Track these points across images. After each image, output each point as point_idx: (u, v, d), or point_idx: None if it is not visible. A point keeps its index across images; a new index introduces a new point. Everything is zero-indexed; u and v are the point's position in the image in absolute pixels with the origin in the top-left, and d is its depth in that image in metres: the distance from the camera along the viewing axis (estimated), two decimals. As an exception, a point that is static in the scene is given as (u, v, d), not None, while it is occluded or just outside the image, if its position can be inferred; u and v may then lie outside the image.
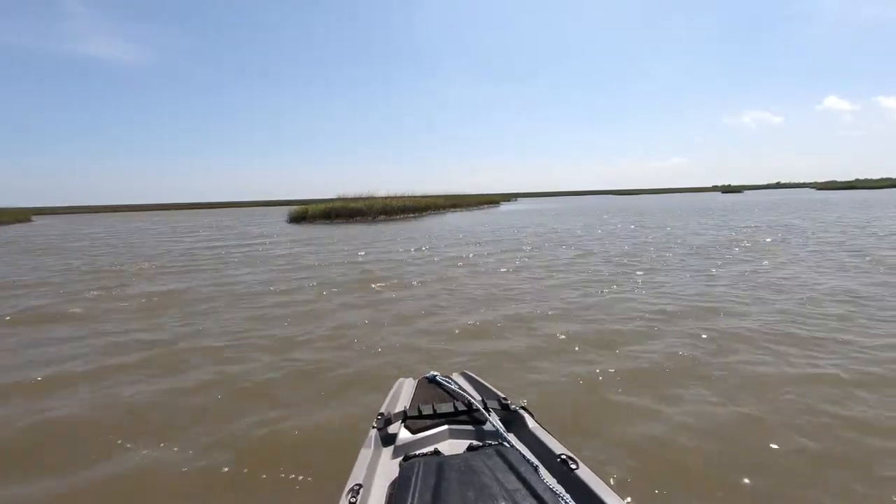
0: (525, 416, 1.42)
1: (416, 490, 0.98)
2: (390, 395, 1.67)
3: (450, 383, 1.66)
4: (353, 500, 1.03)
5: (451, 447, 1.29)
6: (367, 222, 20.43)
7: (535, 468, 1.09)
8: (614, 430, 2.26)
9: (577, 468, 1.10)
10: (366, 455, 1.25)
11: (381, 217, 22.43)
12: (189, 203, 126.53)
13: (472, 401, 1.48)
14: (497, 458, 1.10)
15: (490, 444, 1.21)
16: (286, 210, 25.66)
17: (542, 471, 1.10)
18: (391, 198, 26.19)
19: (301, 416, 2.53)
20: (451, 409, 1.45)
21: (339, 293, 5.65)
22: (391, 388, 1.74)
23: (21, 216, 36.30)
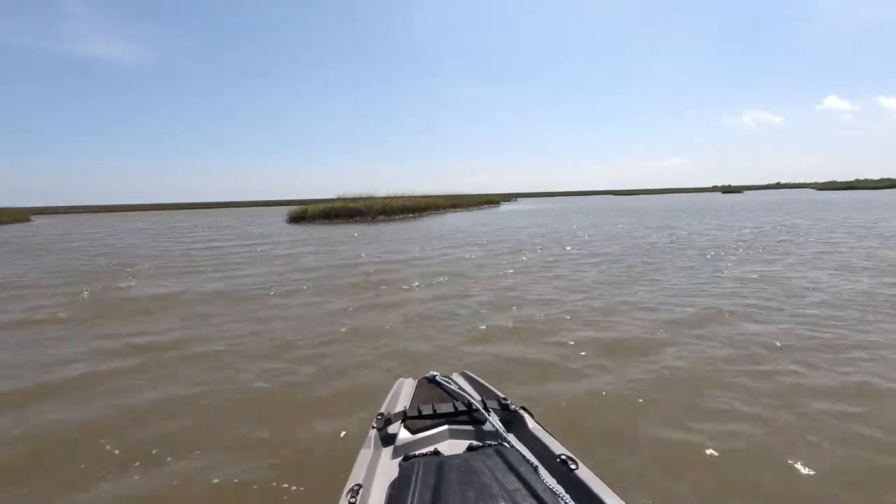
0: (525, 416, 1.41)
1: (416, 490, 0.98)
2: (390, 395, 1.67)
3: (450, 383, 1.66)
4: (352, 501, 1.03)
5: (451, 447, 1.29)
6: (366, 222, 20.42)
7: (535, 468, 1.09)
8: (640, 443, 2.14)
9: (577, 468, 1.09)
10: (365, 455, 1.25)
11: (381, 217, 22.43)
12: (189, 203, 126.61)
13: (472, 401, 1.48)
14: (497, 459, 1.10)
15: (490, 445, 1.21)
16: (286, 210, 25.64)
17: (542, 471, 1.10)
18: (391, 198, 26.18)
19: (301, 416, 2.54)
20: (451, 410, 1.45)
21: (338, 295, 5.64)
22: (391, 388, 1.74)
23: (20, 216, 36.31)
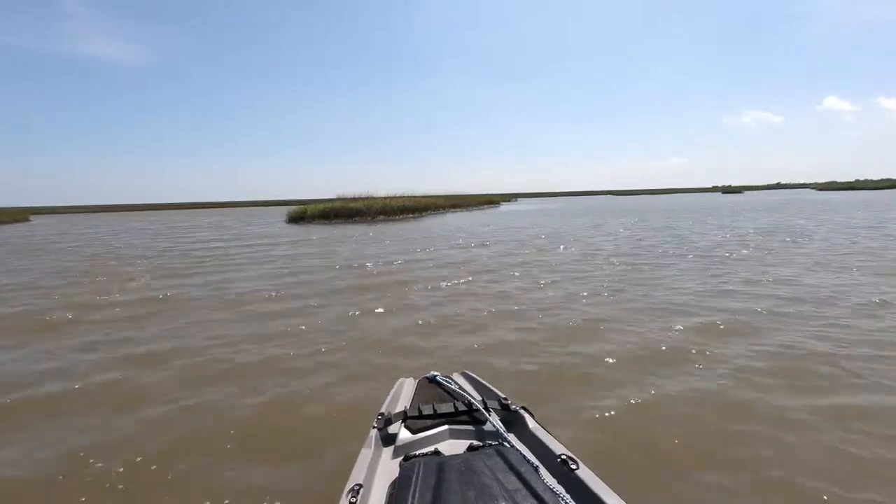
0: (525, 416, 1.42)
1: (417, 490, 0.99)
2: (391, 395, 1.67)
3: (450, 383, 1.66)
4: (353, 500, 1.03)
5: (452, 447, 1.29)
6: (366, 223, 20.39)
7: (536, 468, 1.09)
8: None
9: (578, 468, 1.10)
10: (366, 455, 1.25)
11: (381, 217, 22.40)
12: (189, 203, 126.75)
13: (473, 401, 1.48)
14: (497, 459, 1.10)
15: (490, 445, 1.21)
16: (285, 210, 25.58)
17: (543, 471, 1.10)
18: (390, 198, 26.13)
19: (301, 416, 2.54)
20: (452, 409, 1.46)
21: (338, 296, 5.60)
22: (391, 388, 1.74)
23: (19, 216, 36.27)
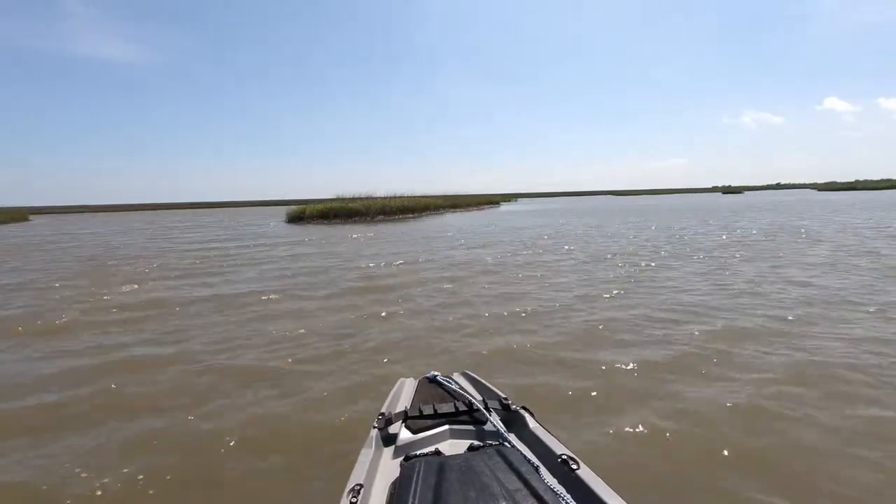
0: (526, 416, 1.41)
1: (417, 490, 0.98)
2: (391, 395, 1.67)
3: (450, 383, 1.66)
4: (353, 500, 1.03)
5: (452, 447, 1.29)
6: (365, 223, 20.39)
7: (536, 468, 1.08)
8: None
9: (578, 468, 1.09)
10: (367, 455, 1.25)
11: (380, 217, 22.40)
12: (189, 203, 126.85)
13: (473, 401, 1.48)
14: (498, 459, 1.10)
15: (491, 444, 1.21)
16: (285, 210, 25.56)
17: (543, 471, 1.09)
18: (390, 198, 26.13)
19: (302, 416, 2.54)
20: (452, 409, 1.45)
21: (338, 299, 5.54)
22: (392, 388, 1.74)
23: (17, 215, 36.26)
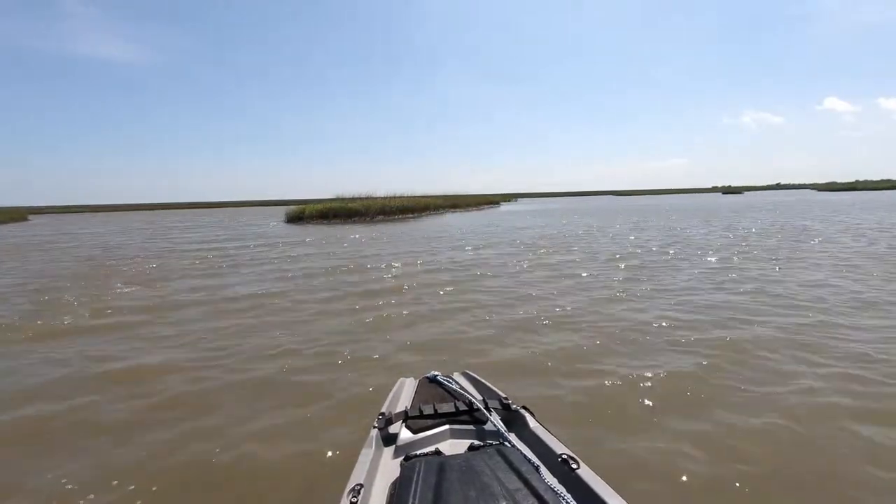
0: (526, 415, 1.42)
1: (418, 490, 0.99)
2: (391, 395, 1.67)
3: (451, 383, 1.66)
4: (354, 500, 1.03)
5: (453, 447, 1.29)
6: (365, 223, 20.38)
7: (537, 468, 1.09)
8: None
9: (579, 468, 1.10)
10: (367, 455, 1.25)
11: (380, 217, 22.39)
12: (188, 203, 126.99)
13: (473, 400, 1.48)
14: (498, 458, 1.10)
15: (491, 444, 1.21)
16: (284, 210, 25.52)
17: (544, 470, 1.10)
18: (390, 198, 26.14)
19: (302, 415, 2.54)
20: (452, 409, 1.46)
21: (338, 301, 5.42)
22: (392, 388, 1.74)
23: (16, 215, 36.25)
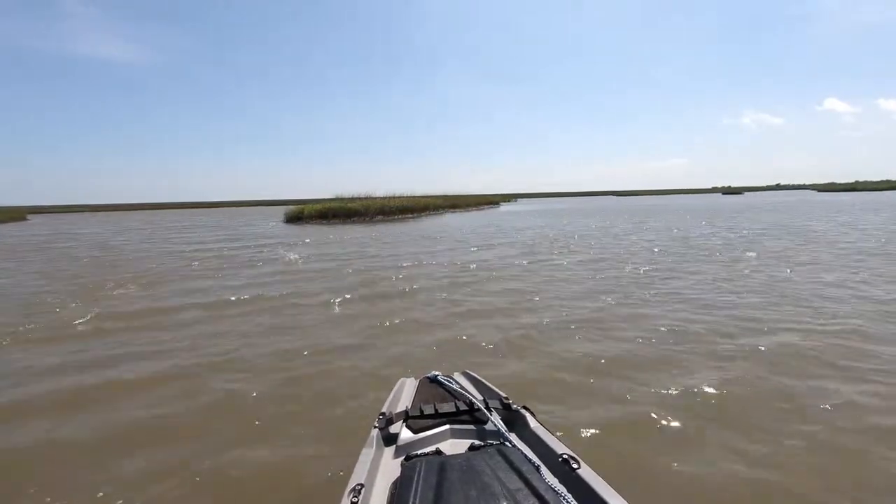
0: (526, 415, 1.41)
1: (418, 490, 0.99)
2: (392, 395, 1.67)
3: (451, 383, 1.66)
4: (354, 500, 1.03)
5: (453, 447, 1.29)
6: (364, 223, 20.35)
7: (537, 468, 1.09)
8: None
9: (579, 468, 1.10)
10: (367, 455, 1.25)
11: (379, 217, 22.37)
12: (188, 203, 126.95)
13: (474, 400, 1.48)
14: (499, 458, 1.10)
15: (491, 444, 1.21)
16: (284, 210, 25.45)
17: (544, 470, 1.10)
18: (389, 198, 26.10)
19: (302, 416, 2.54)
20: (453, 409, 1.46)
21: (338, 303, 5.39)
22: (393, 388, 1.74)
23: (16, 215, 36.24)
